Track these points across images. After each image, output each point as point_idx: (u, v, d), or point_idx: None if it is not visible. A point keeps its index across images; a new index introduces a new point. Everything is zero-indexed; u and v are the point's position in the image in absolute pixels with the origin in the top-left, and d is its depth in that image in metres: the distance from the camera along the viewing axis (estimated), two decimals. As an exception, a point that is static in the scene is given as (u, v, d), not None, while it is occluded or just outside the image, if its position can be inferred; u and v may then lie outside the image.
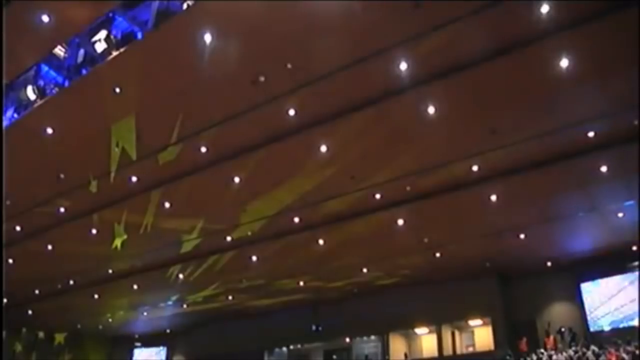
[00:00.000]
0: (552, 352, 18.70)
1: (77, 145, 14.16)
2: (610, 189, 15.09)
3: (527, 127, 12.84)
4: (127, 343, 33.42)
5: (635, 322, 19.04)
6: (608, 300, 20.06)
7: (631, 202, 15.65)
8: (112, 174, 15.11)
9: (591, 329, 20.22)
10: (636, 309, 19.06)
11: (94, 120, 13.29)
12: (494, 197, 15.67)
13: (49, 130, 13.68)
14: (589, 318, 20.41)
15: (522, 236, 18.18)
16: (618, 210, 16.43)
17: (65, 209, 17.31)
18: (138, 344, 33.83)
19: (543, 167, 14.05)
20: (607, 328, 19.80)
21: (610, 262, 19.58)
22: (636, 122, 12.29)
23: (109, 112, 13.01)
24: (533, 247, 19.19)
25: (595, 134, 12.90)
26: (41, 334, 30.66)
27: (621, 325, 19.44)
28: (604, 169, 14.05)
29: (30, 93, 13.52)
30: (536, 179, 14.59)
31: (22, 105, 14.09)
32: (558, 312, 21.42)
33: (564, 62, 10.76)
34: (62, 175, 15.51)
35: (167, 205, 16.72)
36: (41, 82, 13.87)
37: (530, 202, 16.05)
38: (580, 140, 13.14)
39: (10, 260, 20.38)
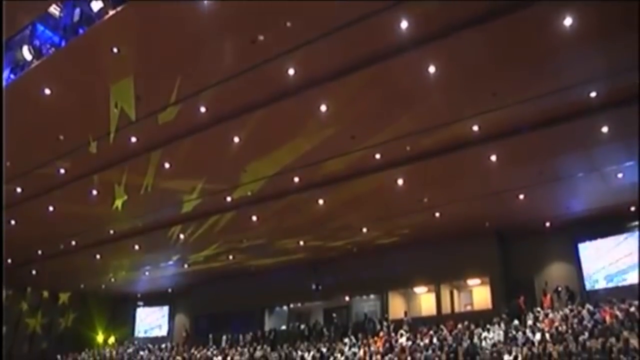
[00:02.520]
0: (549, 311, 18.96)
1: (76, 106, 14.13)
2: (611, 150, 15.07)
3: (529, 88, 12.75)
4: (129, 302, 34.00)
5: (628, 278, 19.39)
6: (604, 255, 20.38)
7: (631, 163, 15.64)
8: (112, 135, 15.10)
9: (587, 288, 20.53)
10: (630, 263, 19.40)
11: (92, 81, 13.22)
12: (494, 158, 15.66)
13: (47, 91, 13.61)
14: (585, 275, 20.71)
15: (521, 196, 18.24)
16: (618, 171, 16.43)
17: (66, 170, 17.34)
18: (140, 303, 34.37)
19: (543, 127, 13.97)
20: (602, 282, 20.17)
21: (608, 222, 19.72)
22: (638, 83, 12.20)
23: (107, 72, 12.94)
24: (532, 207, 19.27)
25: (597, 94, 12.81)
26: (46, 294, 31.18)
27: (615, 279, 19.82)
28: (604, 129, 13.99)
29: (26, 53, 13.40)
30: (536, 139, 14.54)
31: (18, 66, 13.96)
32: (555, 272, 21.67)
33: (567, 22, 10.63)
34: (61, 137, 15.51)
35: (167, 165, 16.74)
36: (37, 42, 13.71)
37: (530, 163, 16.04)
38: (582, 101, 13.03)
39: (12, 222, 20.53)
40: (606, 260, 20.24)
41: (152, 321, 34.00)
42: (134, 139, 15.52)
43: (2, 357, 23.49)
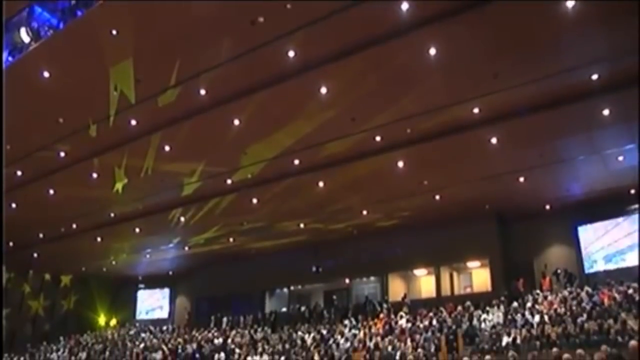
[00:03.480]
0: (548, 293, 19.07)
1: (75, 89, 14.06)
2: (612, 133, 15.05)
3: (530, 71, 12.68)
4: (131, 285, 34.14)
5: (626, 259, 19.52)
6: (603, 236, 20.50)
7: (632, 146, 15.62)
8: (112, 118, 15.06)
9: (586, 270, 20.65)
10: (629, 243, 19.53)
11: (91, 64, 13.14)
12: (494, 140, 15.63)
13: (46, 74, 13.55)
14: (584, 256, 20.83)
15: (521, 179, 18.25)
16: (618, 154, 16.42)
17: (66, 154, 17.33)
18: (142, 285, 34.53)
19: (544, 110, 13.93)
20: (600, 263, 20.33)
21: (608, 205, 19.75)
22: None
23: (106, 55, 12.86)
24: (532, 190, 19.29)
25: (599, 76, 12.75)
26: (47, 276, 31.32)
27: (614, 260, 19.96)
28: (605, 112, 13.95)
29: (24, 35, 13.31)
30: (537, 122, 14.50)
31: (16, 48, 13.88)
32: (555, 254, 21.77)
33: (569, 4, 10.55)
34: (61, 120, 15.45)
35: (167, 148, 16.73)
36: (35, 24, 13.62)
37: (530, 145, 16.02)
38: (583, 83, 12.98)
39: (13, 205, 20.54)
40: (605, 241, 20.39)
41: (153, 303, 34.19)
42: (133, 122, 15.49)
43: (2, 340, 23.67)
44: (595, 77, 12.76)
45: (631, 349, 8.37)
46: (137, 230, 23.77)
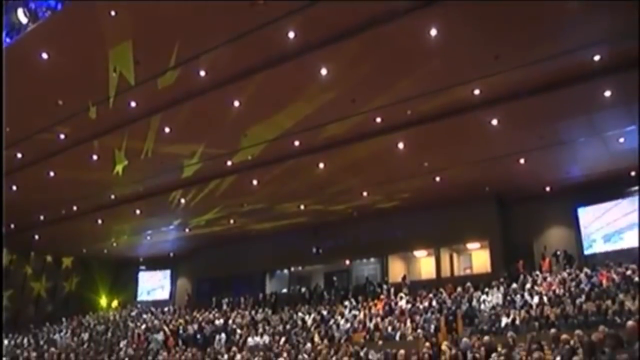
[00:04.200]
0: (547, 275, 19.17)
1: (74, 71, 13.98)
2: (613, 114, 14.99)
3: (532, 51, 12.58)
4: (132, 266, 34.25)
5: (625, 238, 19.68)
6: (602, 215, 20.62)
7: (633, 127, 15.58)
8: (111, 100, 15.01)
9: (585, 251, 20.75)
10: (628, 222, 19.66)
11: (90, 45, 13.06)
12: (495, 122, 15.59)
13: (44, 55, 13.46)
14: (583, 236, 20.96)
15: (522, 161, 18.23)
16: (619, 136, 16.39)
17: (66, 136, 17.30)
18: (143, 267, 34.69)
19: (546, 91, 13.85)
20: (599, 242, 20.48)
21: (608, 187, 19.77)
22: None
23: (105, 36, 12.77)
24: (533, 171, 19.28)
25: (601, 57, 12.67)
26: (49, 258, 31.47)
27: (612, 239, 20.10)
28: (607, 93, 13.89)
29: (22, 16, 13.21)
30: (538, 103, 14.44)
31: (14, 30, 13.79)
32: (554, 236, 21.85)
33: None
34: (60, 102, 15.40)
35: (167, 130, 16.70)
36: (32, 5, 13.50)
37: (531, 127, 15.98)
38: (585, 64, 12.90)
39: (14, 187, 20.55)
40: (604, 221, 20.50)
41: (154, 284, 34.38)
42: (133, 104, 15.44)
43: (2, 321, 23.82)
44: (597, 58, 12.69)
45: (628, 329, 8.42)
46: (138, 212, 23.80)
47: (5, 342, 24.18)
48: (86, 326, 26.49)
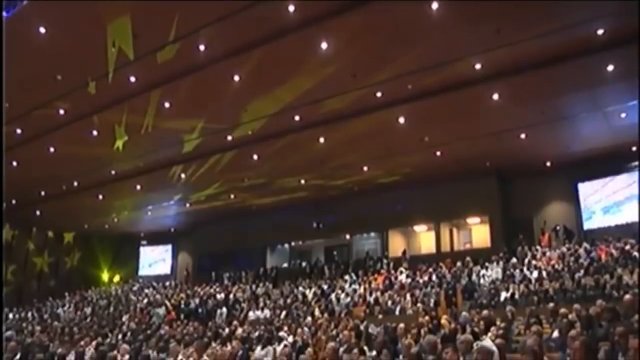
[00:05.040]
0: (546, 249, 19.26)
1: (72, 46, 13.86)
2: (615, 90, 14.92)
3: (534, 25, 12.45)
4: (133, 241, 34.43)
5: (624, 210, 19.84)
6: (601, 188, 20.73)
7: (635, 102, 15.48)
8: (110, 75, 14.90)
9: (584, 224, 20.84)
10: (627, 194, 19.84)
11: (88, 19, 12.91)
12: (496, 97, 15.53)
13: (42, 30, 13.33)
14: (583, 207, 21.08)
15: (522, 136, 18.19)
16: (621, 111, 16.32)
17: (65, 111, 17.23)
18: (144, 242, 34.84)
19: (548, 66, 13.78)
20: (599, 215, 20.65)
21: (608, 162, 19.79)
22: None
23: (103, 10, 12.62)
24: (533, 146, 19.25)
25: (605, 31, 12.55)
26: (51, 234, 31.61)
27: (611, 211, 20.27)
28: (610, 68, 13.80)
29: (18, -11, 13.05)
30: (540, 78, 14.37)
31: (11, 3, 13.62)
32: (554, 211, 21.92)
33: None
34: (59, 77, 15.29)
35: (167, 105, 16.64)
36: (29, -22, 13.33)
37: (532, 102, 15.90)
38: (588, 38, 12.78)
39: (14, 163, 20.53)
40: (603, 193, 20.64)
41: (155, 259, 34.58)
42: (133, 79, 15.36)
43: (2, 297, 23.95)
44: (600, 32, 12.57)
45: (626, 302, 8.49)
46: (138, 187, 23.84)
47: (10, 315, 24.45)
48: (89, 301, 26.73)
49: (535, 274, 16.69)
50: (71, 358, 11.10)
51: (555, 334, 8.68)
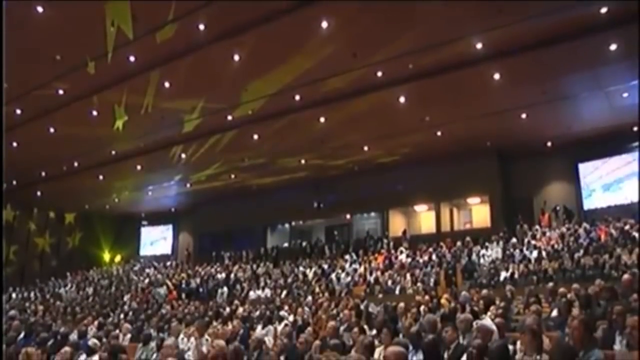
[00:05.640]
0: (546, 229, 19.32)
1: (71, 25, 13.72)
2: (618, 69, 14.81)
3: (536, 4, 12.30)
4: (134, 222, 34.59)
5: (624, 187, 19.93)
6: (602, 165, 20.80)
7: (637, 82, 15.38)
8: (110, 55, 14.80)
9: (584, 202, 20.89)
10: (627, 172, 19.88)
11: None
12: (497, 76, 15.45)
13: (39, 9, 13.19)
14: (583, 185, 21.13)
15: (523, 116, 18.14)
16: (623, 91, 16.23)
17: (64, 91, 17.13)
18: (145, 222, 34.95)
19: (550, 45, 13.67)
20: (599, 192, 20.75)
21: (610, 142, 19.75)
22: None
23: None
24: (534, 127, 19.19)
25: (608, 10, 12.44)
26: (52, 214, 31.67)
27: (611, 188, 20.36)
28: (613, 47, 13.69)
29: (15, -33, 12.88)
30: (541, 57, 14.26)
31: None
32: (555, 191, 21.94)
33: None
34: (58, 57, 15.18)
35: (167, 85, 16.56)
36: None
37: (533, 82, 15.83)
38: (591, 16, 12.68)
39: (14, 144, 20.49)
40: (603, 170, 20.67)
41: (156, 238, 34.72)
42: (132, 58, 15.25)
43: (2, 277, 24.05)
44: (604, 10, 12.46)
45: (624, 282, 8.56)
46: (139, 167, 23.86)
47: (13, 295, 24.65)
48: (90, 281, 26.92)
49: (534, 253, 16.77)
50: (74, 337, 11.20)
51: (554, 313, 8.75)
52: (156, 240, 34.64)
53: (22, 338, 11.17)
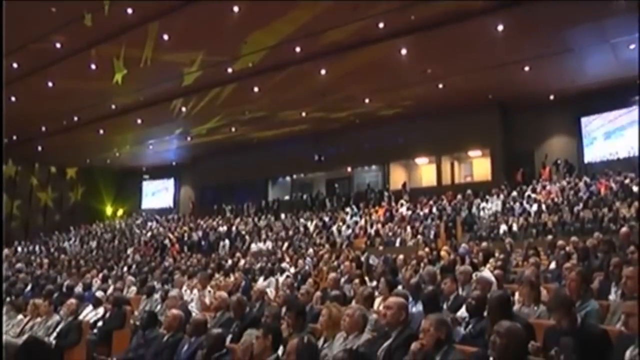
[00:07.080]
0: (547, 183, 19.37)
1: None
2: (625, 20, 14.41)
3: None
4: (135, 175, 34.61)
5: (625, 134, 19.96)
6: (603, 115, 20.76)
7: (644, 33, 15.13)
8: (106, 7, 14.55)
9: (586, 160, 20.86)
10: (629, 120, 19.87)
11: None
12: (500, 27, 15.21)
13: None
14: (584, 132, 21.15)
15: (526, 68, 17.93)
16: (630, 42, 15.95)
17: (62, 45, 16.92)
18: (146, 176, 35.02)
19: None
20: (600, 140, 20.77)
21: (614, 96, 19.55)
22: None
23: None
24: (537, 79, 19.01)
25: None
26: (53, 169, 31.74)
27: (612, 136, 20.39)
28: (620, -4, 13.42)
29: None
30: (546, 8, 13.98)
31: None
32: (556, 145, 21.86)
33: None
34: (53, 9, 14.92)
35: (165, 37, 16.35)
36: None
37: (538, 33, 15.57)
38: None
39: (13, 98, 20.35)
40: (605, 118, 20.58)
41: (158, 189, 34.89)
42: (129, 10, 15.00)
43: (2, 233, 24.23)
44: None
45: (622, 234, 8.64)
46: (139, 121, 23.74)
47: (19, 249, 24.96)
48: (93, 234, 27.18)
49: (534, 207, 16.86)
50: (79, 289, 11.42)
51: (553, 265, 8.88)
52: (158, 191, 34.74)
53: (29, 290, 11.38)
